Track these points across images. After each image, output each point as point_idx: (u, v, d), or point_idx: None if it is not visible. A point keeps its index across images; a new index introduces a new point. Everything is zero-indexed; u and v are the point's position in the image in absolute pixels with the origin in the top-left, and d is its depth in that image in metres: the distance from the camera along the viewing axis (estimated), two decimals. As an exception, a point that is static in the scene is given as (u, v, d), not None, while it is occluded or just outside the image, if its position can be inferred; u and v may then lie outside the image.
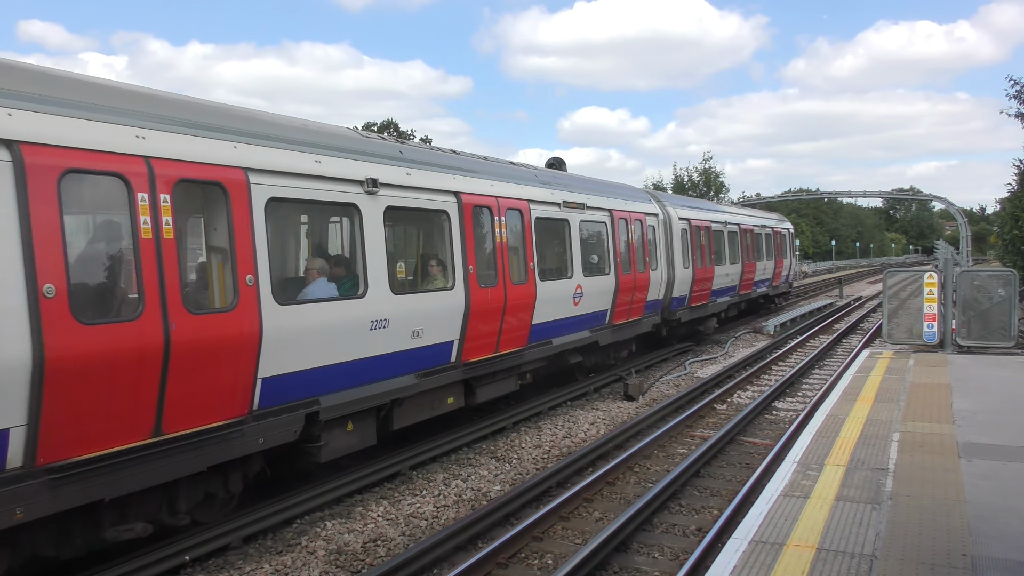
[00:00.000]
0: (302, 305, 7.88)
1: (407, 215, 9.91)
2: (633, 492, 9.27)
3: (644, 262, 16.59)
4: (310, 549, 7.53)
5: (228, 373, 6.96)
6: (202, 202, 7.08)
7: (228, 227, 6.97)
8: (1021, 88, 24.96)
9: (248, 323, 7.07)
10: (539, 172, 13.89)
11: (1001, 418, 9.14)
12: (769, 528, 5.82)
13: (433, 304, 9.82)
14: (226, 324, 6.90)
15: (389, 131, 62.32)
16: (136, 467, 6.25)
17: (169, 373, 6.38)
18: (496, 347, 11.27)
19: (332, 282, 8.58)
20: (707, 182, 65.43)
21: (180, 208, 6.58)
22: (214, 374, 6.81)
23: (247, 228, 7.10)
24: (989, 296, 14.50)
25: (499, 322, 11.18)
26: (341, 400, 8.34)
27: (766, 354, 20.24)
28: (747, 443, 11.54)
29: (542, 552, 7.53)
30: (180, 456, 6.60)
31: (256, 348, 7.17)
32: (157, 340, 6.25)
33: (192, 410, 6.68)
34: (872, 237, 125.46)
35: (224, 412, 6.98)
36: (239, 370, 7.05)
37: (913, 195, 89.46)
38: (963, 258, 51.19)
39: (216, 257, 7.11)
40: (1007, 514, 6.00)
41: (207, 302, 7.10)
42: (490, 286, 10.92)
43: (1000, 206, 44.48)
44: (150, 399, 6.30)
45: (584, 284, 13.79)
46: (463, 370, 10.56)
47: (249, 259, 7.10)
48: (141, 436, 6.29)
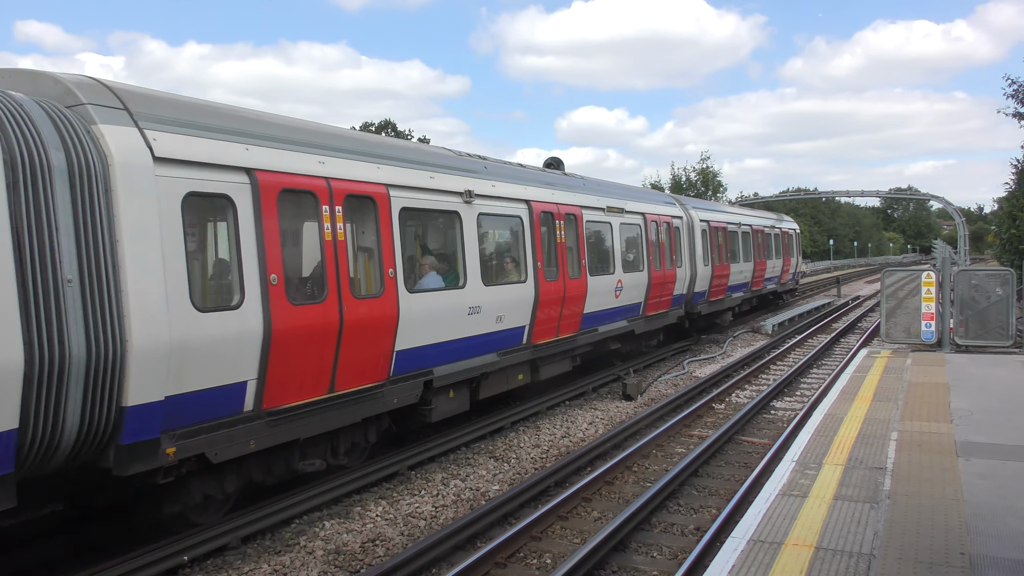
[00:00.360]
0: (421, 293, 9.76)
1: (492, 220, 11.72)
2: (632, 491, 9.27)
3: (671, 260, 18.54)
4: (308, 549, 7.53)
5: (377, 345, 8.94)
6: (360, 212, 8.93)
7: (376, 231, 8.99)
8: (1018, 87, 24.98)
9: (390, 306, 9.06)
10: (587, 181, 15.96)
11: (999, 417, 9.15)
12: (767, 527, 5.82)
13: (511, 294, 11.72)
14: (376, 307, 8.88)
15: (387, 131, 62.29)
16: (318, 415, 8.23)
17: (341, 344, 8.31)
18: (556, 332, 13.18)
19: (440, 275, 10.45)
20: (705, 181, 65.46)
21: (347, 217, 8.53)
22: (368, 346, 8.78)
23: (389, 231, 9.12)
24: (987, 295, 14.51)
25: (559, 310, 13.09)
26: (448, 371, 10.30)
27: (764, 353, 20.25)
28: (745, 442, 11.55)
29: (541, 552, 7.54)
30: (345, 409, 8.60)
31: (395, 326, 9.15)
32: (335, 318, 8.18)
33: (354, 374, 8.62)
34: (870, 236, 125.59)
35: (373, 377, 8.96)
36: (383, 344, 9.04)
37: (911, 194, 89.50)
38: (961, 257, 51.26)
39: (366, 255, 9.10)
40: (1005, 513, 6.01)
41: (364, 290, 8.97)
42: (553, 280, 12.83)
43: (998, 205, 44.60)
44: (329, 364, 8.23)
45: (624, 279, 15.66)
46: (531, 351, 12.46)
47: (391, 256, 9.12)
48: (322, 392, 8.24)
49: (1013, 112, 25.46)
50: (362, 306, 8.58)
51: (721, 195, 66.20)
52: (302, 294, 8.08)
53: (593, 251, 14.66)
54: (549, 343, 12.88)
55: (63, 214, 5.92)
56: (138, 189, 6.40)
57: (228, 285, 7.41)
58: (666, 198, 20.97)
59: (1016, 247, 25.78)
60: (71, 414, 5.97)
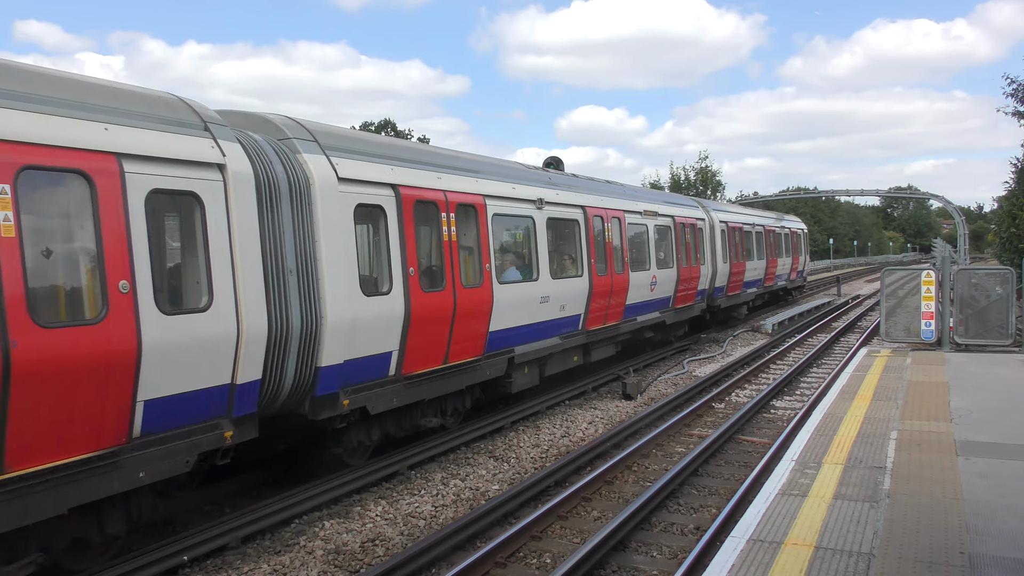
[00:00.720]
0: (507, 284, 11.67)
1: (556, 223, 13.40)
2: (631, 491, 9.27)
3: (696, 258, 20.53)
4: (308, 549, 7.53)
5: (477, 326, 10.99)
6: (465, 217, 10.88)
7: (476, 233, 11.06)
8: (1018, 86, 24.94)
9: (487, 295, 11.10)
10: (626, 188, 18.15)
11: (998, 416, 9.15)
12: (767, 527, 5.82)
13: (571, 287, 13.60)
14: (477, 295, 10.88)
15: (387, 131, 62.26)
16: (438, 381, 10.32)
17: (454, 324, 10.35)
18: (604, 320, 15.07)
19: (518, 270, 12.31)
20: (703, 181, 65.45)
21: (457, 221, 10.56)
22: (471, 327, 10.82)
23: (486, 233, 11.19)
24: (987, 294, 14.51)
25: (607, 301, 15.01)
26: (526, 351, 12.26)
27: (764, 353, 20.25)
28: (745, 442, 11.55)
29: (540, 551, 7.54)
30: (454, 378, 10.67)
31: (490, 311, 11.17)
32: (451, 303, 10.27)
33: (461, 349, 10.69)
34: (870, 235, 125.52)
35: (473, 352, 10.99)
36: (481, 325, 11.07)
37: (911, 194, 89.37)
38: (961, 256, 51.25)
39: (468, 252, 11.06)
40: (1004, 512, 6.01)
41: (468, 280, 10.82)
42: (603, 275, 14.71)
43: (997, 204, 44.57)
44: (445, 340, 10.25)
45: (657, 275, 17.61)
46: (585, 335, 14.39)
47: (487, 253, 11.17)
48: (439, 363, 10.28)
49: (1013, 111, 25.43)
50: (468, 294, 10.68)
51: (720, 194, 66.17)
52: (429, 283, 10.00)
53: (633, 249, 16.53)
54: (599, 329, 14.91)
55: (287, 221, 7.90)
56: (329, 202, 8.43)
57: (381, 275, 9.40)
58: (691, 201, 22.81)
59: (1016, 246, 25.73)
60: (289, 371, 7.95)
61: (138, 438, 6.40)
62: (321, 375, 8.23)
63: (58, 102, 5.98)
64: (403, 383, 9.60)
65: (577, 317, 13.92)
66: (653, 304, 17.60)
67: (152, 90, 7.25)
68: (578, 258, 14.01)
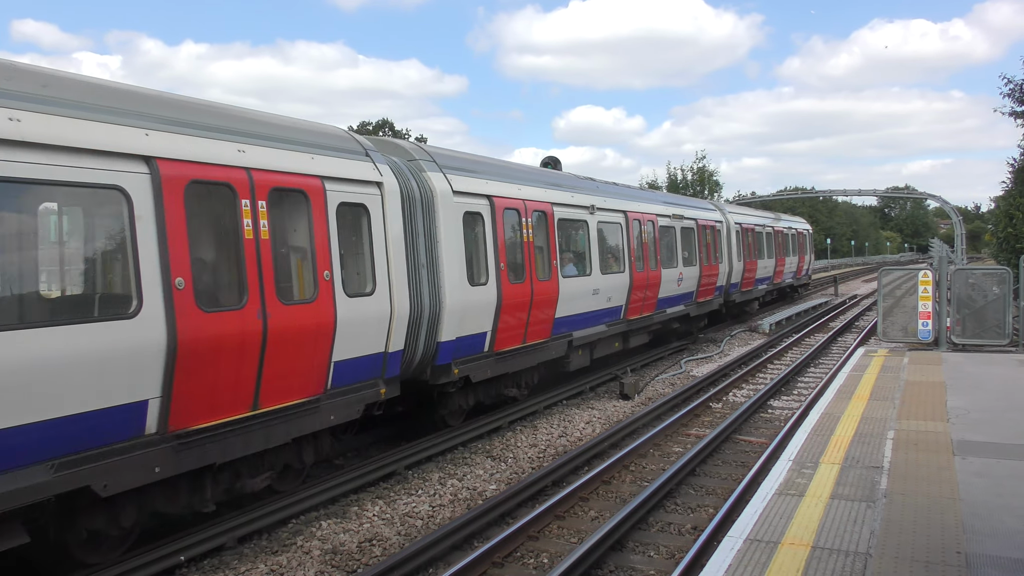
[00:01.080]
0: (567, 278, 13.65)
1: (604, 226, 15.44)
2: (629, 491, 9.27)
3: (715, 256, 22.62)
4: (305, 549, 7.52)
5: (547, 313, 12.98)
6: (538, 221, 12.96)
7: (546, 234, 13.13)
8: (1015, 87, 24.96)
9: (554, 287, 13.16)
10: (657, 194, 22.13)
11: (995, 416, 9.16)
12: (764, 526, 5.82)
13: (615, 281, 15.64)
14: (547, 286, 12.93)
15: (384, 131, 62.20)
16: (517, 358, 12.39)
17: (531, 310, 12.45)
18: (641, 311, 17.19)
19: (575, 266, 14.24)
20: (701, 181, 65.51)
21: (534, 225, 12.68)
22: (542, 314, 12.81)
23: (553, 234, 13.25)
24: (984, 294, 14.53)
25: (644, 294, 17.08)
26: (581, 335, 14.32)
27: (761, 352, 20.27)
28: (742, 441, 11.56)
29: (538, 551, 7.53)
30: (529, 356, 12.75)
31: (556, 300, 13.19)
32: (529, 293, 12.34)
33: (534, 332, 12.71)
34: (867, 235, 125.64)
35: (543, 335, 13.04)
36: (550, 312, 13.06)
37: (908, 194, 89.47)
38: (958, 256, 51.34)
39: (539, 251, 12.97)
40: (1001, 511, 6.01)
41: (541, 274, 12.82)
42: (640, 271, 16.82)
43: (995, 204, 44.60)
44: (524, 323, 12.34)
45: (683, 272, 19.63)
46: (626, 324, 16.43)
47: (555, 251, 13.26)
48: (519, 343, 12.39)
49: (1010, 111, 25.43)
50: (541, 285, 12.72)
51: (718, 195, 66.24)
52: (514, 276, 12.00)
53: (664, 249, 18.53)
54: (637, 319, 17.03)
55: (420, 225, 10.02)
56: (447, 210, 10.50)
57: (480, 269, 11.29)
58: (710, 205, 25.16)
59: (1013, 246, 25.74)
60: (420, 344, 10.06)
61: (330, 390, 8.46)
62: (440, 348, 10.42)
63: (286, 139, 8.18)
64: (494, 358, 11.74)
65: (619, 308, 16.08)
66: (680, 298, 19.74)
67: (330, 126, 9.64)
68: (621, 256, 16.10)
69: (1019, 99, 24.51)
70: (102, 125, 6.24)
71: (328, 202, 8.37)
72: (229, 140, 7.39)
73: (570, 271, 13.95)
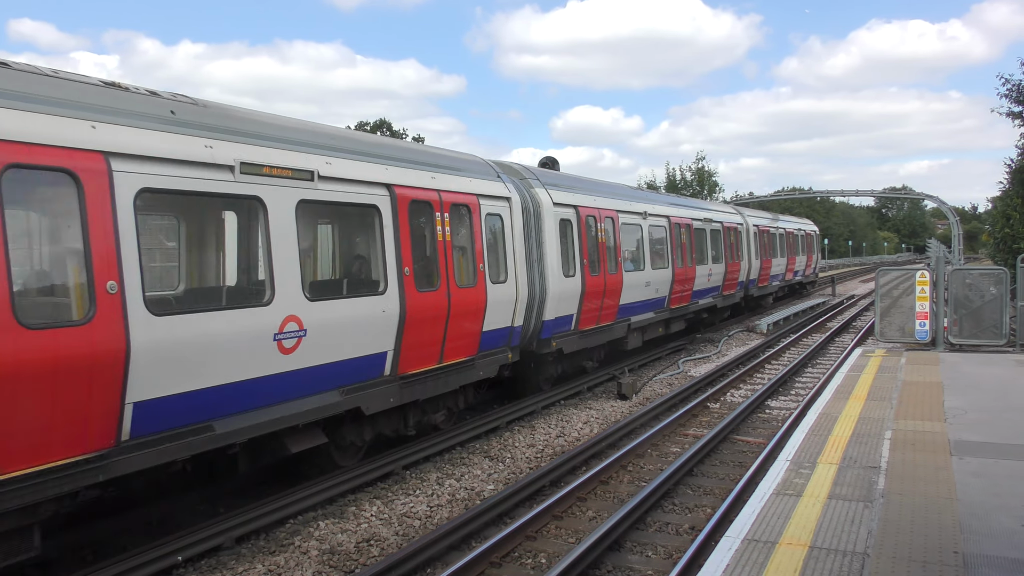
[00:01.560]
0: (628, 272, 16.50)
1: (653, 228, 18.43)
2: (626, 491, 9.27)
3: (737, 255, 25.77)
4: (303, 549, 7.51)
5: (614, 300, 15.83)
6: (608, 225, 15.85)
7: (612, 236, 15.99)
8: (1013, 87, 24.98)
9: (620, 278, 15.95)
10: (691, 200, 26.37)
11: (992, 416, 9.18)
12: (762, 526, 5.83)
13: (661, 275, 18.52)
14: (615, 278, 15.70)
15: (383, 130, 62.15)
16: (592, 336, 15.20)
17: (604, 297, 15.19)
18: (680, 301, 20.19)
19: (632, 263, 17.07)
20: (700, 181, 65.54)
21: (604, 228, 15.59)
22: (611, 300, 15.66)
23: (618, 236, 16.15)
24: (981, 294, 14.55)
25: (682, 287, 20.13)
26: (638, 320, 17.31)
27: (759, 353, 20.29)
28: (740, 442, 11.57)
29: (536, 551, 7.53)
30: (600, 335, 15.56)
31: (620, 290, 16.02)
32: (602, 283, 14.97)
33: (604, 316, 15.52)
34: (864, 236, 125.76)
35: (610, 319, 15.92)
36: (616, 299, 15.92)
37: (905, 194, 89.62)
38: (955, 256, 51.41)
39: (608, 249, 15.73)
40: (998, 511, 6.02)
41: (611, 269, 15.65)
42: (680, 267, 19.75)
43: (992, 205, 44.68)
44: (599, 308, 15.04)
45: (712, 269, 22.68)
46: (668, 312, 19.36)
47: (619, 250, 16.17)
48: (594, 324, 15.16)
49: (1007, 111, 25.45)
50: (611, 277, 15.55)
51: (717, 195, 66.26)
52: (592, 270, 14.76)
53: (697, 248, 21.48)
54: (676, 308, 19.90)
55: (532, 230, 12.95)
56: (549, 218, 13.41)
57: (569, 264, 13.99)
58: (732, 209, 28.41)
59: (1010, 246, 25.77)
60: (532, 321, 12.89)
61: (480, 353, 11.43)
62: (544, 325, 13.23)
63: (456, 168, 11.33)
64: (578, 335, 14.54)
65: (664, 298, 18.93)
66: (709, 291, 22.74)
67: (476, 156, 12.87)
68: (665, 254, 19.01)
69: (1017, 99, 24.54)
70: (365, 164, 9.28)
71: (481, 213, 11.41)
72: (426, 171, 10.47)
73: (629, 267, 16.80)
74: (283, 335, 7.72)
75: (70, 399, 5.84)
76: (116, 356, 6.07)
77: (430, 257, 10.32)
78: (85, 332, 5.89)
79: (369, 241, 9.75)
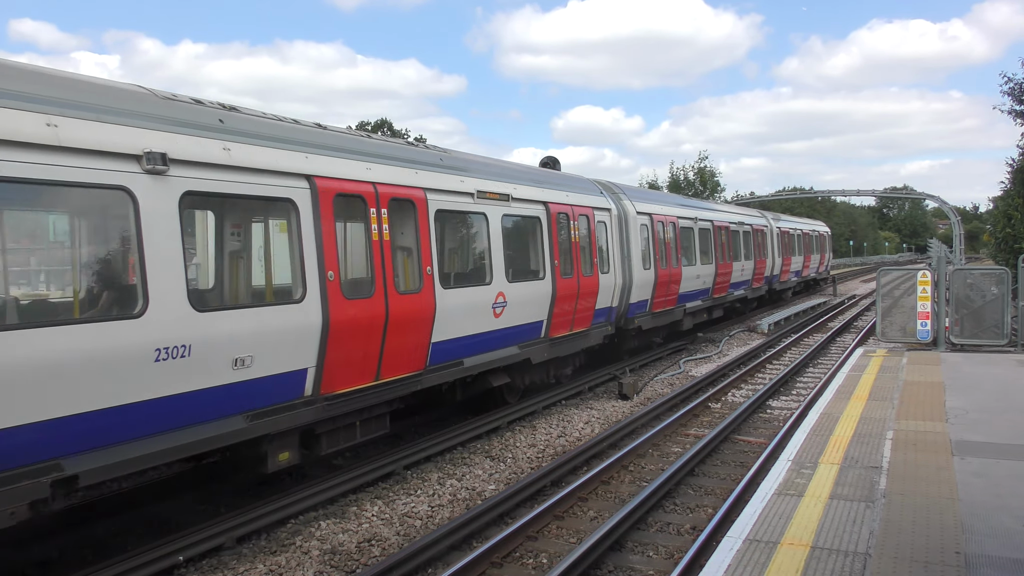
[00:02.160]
0: (685, 267, 20.12)
1: (701, 231, 22.12)
2: (628, 491, 9.27)
3: (763, 253, 29.44)
4: (304, 549, 7.51)
5: (675, 288, 19.18)
6: (671, 227, 19.37)
7: (674, 236, 19.49)
8: (1015, 85, 24.96)
9: (679, 271, 19.33)
10: (728, 205, 31.13)
11: (994, 416, 9.17)
12: (763, 527, 5.82)
13: (707, 270, 22.11)
14: (675, 271, 19.06)
15: (383, 130, 62.13)
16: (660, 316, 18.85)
17: (669, 286, 18.89)
18: (720, 292, 23.87)
19: (686, 258, 20.22)
20: (703, 181, 65.49)
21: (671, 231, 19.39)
22: (671, 289, 19.03)
23: (678, 235, 19.53)
24: (982, 294, 14.53)
25: (723, 280, 23.88)
26: (690, 306, 20.82)
27: (760, 353, 20.28)
28: (741, 442, 11.56)
29: (537, 551, 7.53)
30: (666, 316, 19.20)
31: (680, 280, 19.31)
32: (668, 275, 18.69)
33: (668, 301, 18.95)
34: (865, 236, 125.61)
35: (671, 304, 19.04)
36: (676, 287, 18.96)
37: (906, 194, 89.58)
38: (956, 256, 51.37)
39: (670, 247, 19.14)
40: (1000, 511, 6.02)
41: (674, 264, 19.19)
42: (721, 263, 23.49)
43: (993, 204, 44.62)
44: (664, 294, 18.65)
45: (744, 265, 26.38)
46: (712, 300, 23.01)
47: (679, 247, 19.49)
48: (660, 309, 18.53)
49: (1009, 109, 25.42)
50: (673, 271, 19.03)
51: (719, 195, 66.22)
52: (662, 264, 18.25)
53: (733, 247, 25.15)
54: (717, 297, 23.59)
55: (623, 233, 16.62)
56: (633, 224, 17.04)
57: (647, 260, 17.45)
58: (758, 213, 31.79)
59: (1011, 246, 25.76)
60: (623, 304, 16.34)
61: (592, 326, 14.84)
62: (630, 307, 16.73)
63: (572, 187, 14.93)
64: (651, 315, 18.05)
65: (708, 289, 22.39)
66: (742, 284, 26.42)
67: (586, 178, 16.98)
68: (709, 251, 22.58)
69: (1018, 98, 24.51)
70: None
71: (594, 221, 15.11)
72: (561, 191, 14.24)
73: (684, 262, 20.03)
74: (496, 305, 11.49)
75: (411, 340, 9.69)
76: (428, 313, 9.90)
77: (572, 254, 14.01)
78: (417, 299, 9.75)
79: (531, 243, 13.31)
